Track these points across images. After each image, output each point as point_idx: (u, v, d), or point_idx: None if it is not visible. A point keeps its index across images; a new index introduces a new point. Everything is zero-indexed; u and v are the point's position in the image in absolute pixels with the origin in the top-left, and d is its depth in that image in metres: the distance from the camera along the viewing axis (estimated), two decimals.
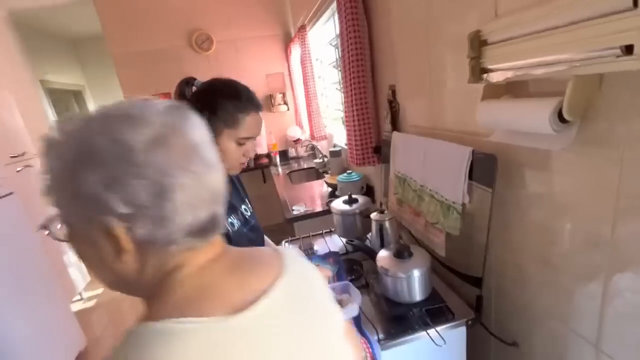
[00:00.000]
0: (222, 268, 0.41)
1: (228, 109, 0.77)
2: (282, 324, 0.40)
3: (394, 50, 1.28)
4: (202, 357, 0.34)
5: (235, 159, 0.82)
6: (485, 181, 0.79)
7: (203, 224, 0.38)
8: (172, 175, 0.35)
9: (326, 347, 0.46)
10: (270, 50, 3.42)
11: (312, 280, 0.49)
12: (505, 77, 0.68)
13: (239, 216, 0.88)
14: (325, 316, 0.48)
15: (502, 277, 0.92)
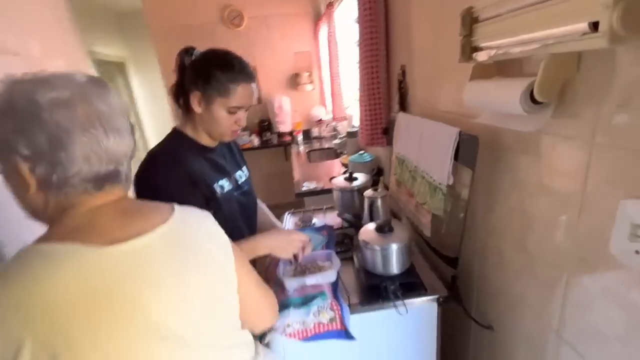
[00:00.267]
0: (113, 211, 0.50)
1: (220, 79, 0.81)
2: (154, 262, 0.48)
3: (407, 29, 1.26)
4: (72, 276, 0.41)
5: (227, 127, 0.87)
6: (468, 163, 0.79)
7: (99, 176, 0.48)
8: (70, 132, 0.44)
9: (200, 289, 0.52)
10: (299, 28, 3.42)
11: (201, 233, 0.56)
12: (489, 56, 0.67)
13: (231, 180, 0.95)
14: (206, 264, 0.54)
15: (484, 260, 0.93)
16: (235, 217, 0.94)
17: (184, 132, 0.90)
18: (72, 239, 0.44)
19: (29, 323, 0.39)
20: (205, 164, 0.88)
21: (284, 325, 0.82)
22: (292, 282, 0.90)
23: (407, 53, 1.29)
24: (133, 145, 0.53)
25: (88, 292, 0.42)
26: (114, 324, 0.43)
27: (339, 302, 0.85)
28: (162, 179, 0.79)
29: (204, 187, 0.84)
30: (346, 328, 0.83)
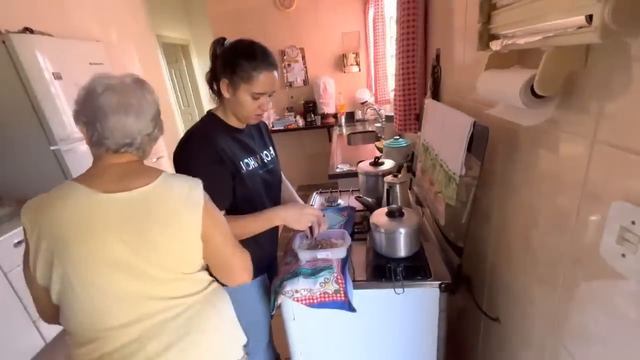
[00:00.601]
0: (119, 170, 0.71)
1: (245, 67, 0.89)
2: (126, 212, 0.68)
3: (444, 10, 1.21)
4: (71, 204, 0.65)
5: (251, 111, 0.95)
6: (478, 154, 0.78)
7: (118, 143, 0.70)
8: (106, 112, 0.68)
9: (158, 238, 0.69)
10: (348, 7, 3.36)
11: (172, 196, 0.72)
12: (501, 46, 0.65)
13: (257, 159, 1.05)
14: (168, 219, 0.71)
15: (496, 253, 0.92)
16: (259, 192, 1.04)
17: (216, 114, 1.01)
18: (85, 182, 0.69)
19: (40, 223, 0.66)
20: (233, 143, 0.99)
21: (292, 291, 0.92)
22: (304, 254, 1.00)
23: (443, 36, 1.24)
24: (151, 127, 0.74)
25: (78, 219, 0.65)
26: (88, 247, 0.65)
27: (345, 276, 0.92)
28: (193, 156, 0.92)
29: (230, 164, 0.95)
30: (349, 300, 0.90)
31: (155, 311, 0.71)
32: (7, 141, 1.84)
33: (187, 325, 0.74)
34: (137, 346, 0.69)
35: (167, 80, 4.06)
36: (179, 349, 0.72)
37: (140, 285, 0.69)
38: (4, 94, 1.75)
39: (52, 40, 1.95)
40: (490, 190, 0.91)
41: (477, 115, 0.83)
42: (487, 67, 0.73)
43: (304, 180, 4.04)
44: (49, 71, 1.83)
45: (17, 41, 1.68)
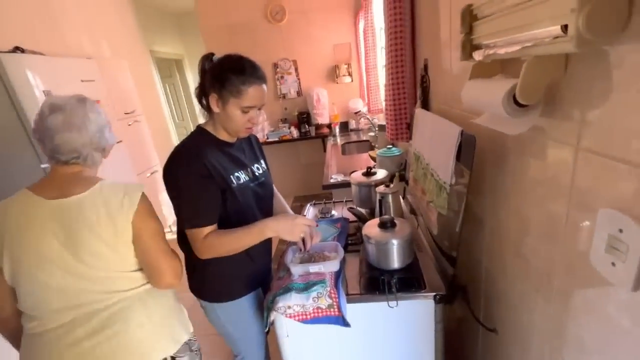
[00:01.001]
0: (64, 179, 0.83)
1: (233, 82, 0.89)
2: (60, 217, 0.78)
3: (430, 21, 1.23)
4: (20, 208, 0.79)
5: (241, 125, 0.95)
6: (466, 163, 0.78)
7: (64, 156, 0.82)
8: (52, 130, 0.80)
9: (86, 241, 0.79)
10: (339, 20, 3.42)
11: (104, 203, 0.82)
12: (484, 56, 0.66)
13: (248, 172, 1.04)
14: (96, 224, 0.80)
15: (490, 262, 0.91)
16: (250, 205, 1.03)
17: (206, 129, 1.00)
18: (35, 189, 0.82)
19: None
20: (223, 157, 0.98)
21: (285, 307, 0.90)
22: (297, 268, 0.98)
23: (430, 46, 1.26)
24: (96, 139, 0.86)
25: (22, 220, 0.78)
26: (30, 245, 0.78)
27: (338, 290, 0.90)
28: (181, 171, 0.91)
29: (219, 178, 0.94)
30: (343, 315, 0.88)
31: (88, 302, 0.82)
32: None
33: (113, 317, 0.83)
34: (70, 328, 0.81)
35: (161, 94, 4.08)
36: (103, 335, 0.82)
37: (75, 280, 0.80)
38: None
39: (43, 58, 1.95)
40: (481, 198, 0.91)
41: (465, 124, 0.83)
42: (472, 76, 0.73)
43: (300, 191, 4.03)
44: (39, 89, 1.82)
45: (7, 60, 1.68)
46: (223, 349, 1.87)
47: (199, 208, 0.92)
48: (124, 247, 0.83)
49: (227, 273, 1.03)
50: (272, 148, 3.81)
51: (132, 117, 2.92)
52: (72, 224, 0.79)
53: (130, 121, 2.89)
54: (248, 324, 1.11)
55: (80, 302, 0.81)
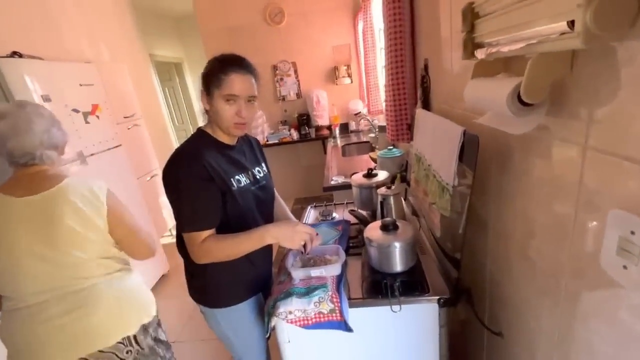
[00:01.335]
0: (28, 178, 0.92)
1: (215, 73, 0.89)
2: (32, 211, 0.88)
3: (429, 20, 1.22)
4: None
5: (229, 118, 0.91)
6: (469, 163, 0.76)
7: (21, 159, 0.91)
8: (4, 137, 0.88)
9: (62, 229, 0.89)
10: (338, 21, 3.41)
11: (74, 194, 0.92)
12: (486, 54, 0.64)
13: (249, 175, 1.02)
14: (70, 214, 0.90)
15: (495, 264, 0.89)
16: (251, 208, 1.02)
17: (206, 130, 0.99)
18: (3, 190, 0.90)
19: None
20: (223, 160, 0.97)
21: (286, 312, 0.88)
22: (297, 273, 0.96)
23: (430, 47, 1.25)
24: (46, 138, 0.93)
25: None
26: (7, 239, 0.87)
27: (340, 295, 0.89)
28: (181, 174, 0.89)
29: (219, 181, 0.92)
30: (345, 320, 0.87)
31: (60, 286, 0.92)
32: None
33: (84, 299, 0.93)
34: (44, 307, 0.91)
35: (161, 98, 4.07)
36: (74, 315, 0.92)
37: (49, 267, 0.90)
38: None
39: (41, 63, 1.95)
40: (485, 199, 0.89)
41: (467, 124, 0.82)
42: (474, 75, 0.72)
43: (300, 193, 4.01)
44: (37, 94, 1.81)
45: (5, 65, 1.68)
46: (224, 354, 1.85)
47: (197, 211, 0.90)
48: (95, 236, 0.94)
49: (227, 278, 1.02)
50: (272, 150, 3.80)
51: (131, 120, 2.91)
52: (44, 217, 0.89)
53: (130, 125, 2.88)
54: (249, 329, 1.09)
55: (54, 286, 0.91)
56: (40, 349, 0.91)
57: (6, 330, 0.93)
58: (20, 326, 0.91)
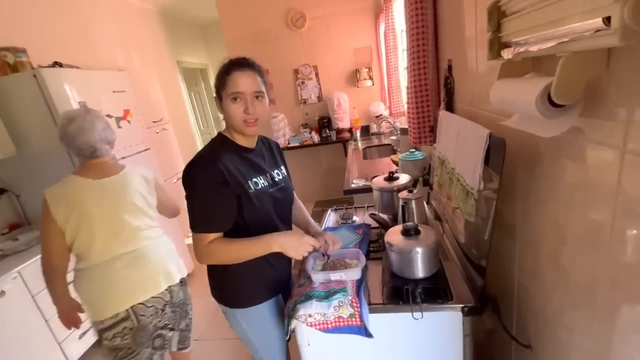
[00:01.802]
0: (97, 167, 1.25)
1: (220, 75, 0.93)
2: (106, 190, 1.22)
3: (453, 20, 1.19)
4: (77, 187, 1.19)
5: (238, 117, 0.93)
6: (496, 167, 0.73)
7: (88, 153, 1.22)
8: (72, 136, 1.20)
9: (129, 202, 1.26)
10: (359, 23, 3.40)
11: (133, 178, 1.30)
12: (513, 54, 0.62)
13: (267, 178, 1.04)
14: (134, 192, 1.27)
15: (523, 272, 0.85)
16: (268, 211, 1.03)
17: (225, 135, 1.02)
18: (81, 174, 1.21)
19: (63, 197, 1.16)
20: (241, 163, 0.98)
21: (306, 315, 0.88)
22: (318, 276, 0.96)
23: (454, 47, 1.22)
24: (104, 136, 1.24)
25: (83, 194, 1.18)
26: (89, 212, 1.17)
27: (360, 299, 0.88)
28: (196, 177, 0.92)
29: (235, 184, 0.93)
30: (365, 325, 0.86)
31: (123, 246, 1.23)
32: (38, 168, 1.95)
33: (140, 256, 1.26)
34: (111, 263, 1.22)
35: (187, 103, 4.23)
36: (133, 269, 1.23)
37: (117, 231, 1.22)
38: (35, 124, 1.87)
39: (79, 72, 2.07)
40: (512, 204, 0.85)
41: (493, 126, 0.79)
42: (500, 76, 0.69)
43: (321, 195, 4.02)
44: (75, 100, 1.93)
45: (47, 75, 1.80)
46: (245, 354, 1.88)
47: (208, 213, 0.93)
48: (150, 207, 1.33)
49: (247, 279, 1.03)
50: (293, 153, 3.83)
51: (159, 125, 3.04)
52: (116, 194, 1.23)
53: (158, 129, 3.01)
54: (268, 330, 1.10)
55: (118, 246, 1.22)
56: (109, 296, 1.20)
57: (80, 284, 1.23)
58: (94, 280, 1.21)
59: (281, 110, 3.74)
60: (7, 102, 1.84)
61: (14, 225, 2.00)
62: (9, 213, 2.04)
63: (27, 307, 1.66)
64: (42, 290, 1.73)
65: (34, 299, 1.69)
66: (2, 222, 1.98)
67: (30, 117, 1.86)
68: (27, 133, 1.90)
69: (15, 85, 1.82)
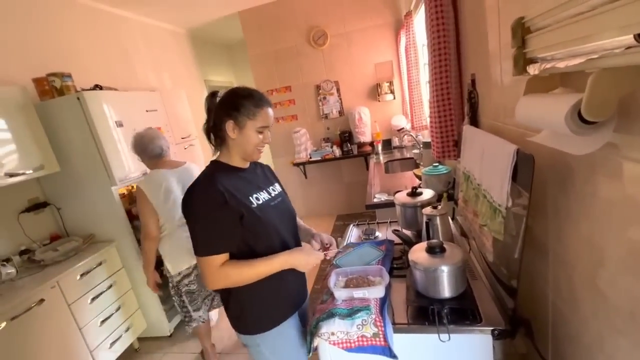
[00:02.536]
0: (167, 162, 1.86)
1: (248, 106, 0.97)
2: (182, 176, 1.85)
3: (475, 34, 1.18)
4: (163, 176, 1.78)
5: (256, 144, 1.00)
6: (524, 184, 0.71)
7: (158, 154, 1.83)
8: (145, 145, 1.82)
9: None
10: (380, 39, 3.45)
11: (194, 170, 1.92)
12: (540, 70, 0.61)
13: (266, 193, 1.07)
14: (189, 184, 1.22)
15: (558, 295, 0.80)
16: (274, 223, 1.04)
17: (220, 160, 1.05)
18: (158, 167, 1.81)
19: (159, 181, 1.77)
20: (239, 181, 1.02)
21: (328, 333, 0.87)
22: (341, 293, 0.96)
23: (477, 61, 1.20)
24: (165, 142, 1.85)
25: (164, 180, 1.77)
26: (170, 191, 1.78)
27: (384, 318, 0.86)
28: (197, 201, 0.94)
29: (236, 203, 0.95)
30: (389, 345, 0.84)
31: None
32: (79, 183, 2.09)
33: None
34: (180, 230, 1.83)
35: None
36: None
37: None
38: (78, 142, 2.01)
39: (116, 93, 2.23)
40: (543, 222, 0.82)
41: (521, 142, 0.77)
42: (527, 91, 0.68)
43: (342, 209, 4.01)
44: (112, 120, 2.07)
45: (89, 97, 1.95)
46: None
47: (213, 235, 0.94)
48: None
49: (265, 299, 1.03)
50: (315, 167, 3.87)
51: (187, 141, 3.18)
52: (186, 178, 1.81)
53: (186, 145, 3.14)
54: (291, 352, 1.09)
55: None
56: (182, 254, 1.78)
57: (164, 246, 1.79)
58: (172, 243, 1.78)
59: (303, 125, 3.81)
60: (54, 123, 1.99)
61: (55, 237, 2.13)
62: (50, 225, 2.18)
63: (64, 315, 1.75)
64: (78, 300, 1.82)
65: (70, 308, 1.77)
66: (45, 233, 2.12)
67: (73, 136, 2.01)
68: (70, 151, 2.04)
69: (61, 107, 1.98)
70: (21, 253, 1.92)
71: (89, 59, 2.66)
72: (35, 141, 1.90)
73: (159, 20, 3.51)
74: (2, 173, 1.69)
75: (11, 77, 2.03)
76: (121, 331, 2.07)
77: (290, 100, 3.79)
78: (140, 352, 2.27)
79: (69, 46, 2.50)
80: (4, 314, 1.47)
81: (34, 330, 1.59)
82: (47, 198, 2.17)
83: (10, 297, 1.54)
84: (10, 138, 1.78)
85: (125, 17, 3.11)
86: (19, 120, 1.83)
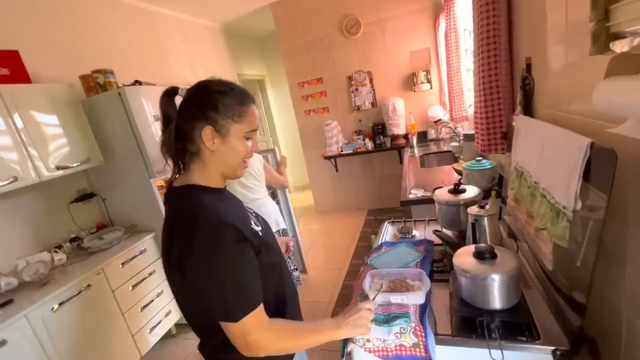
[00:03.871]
0: None
1: (230, 104, 0.72)
2: None
3: (535, 14, 1.04)
4: None
5: (244, 156, 0.77)
6: (601, 185, 0.60)
7: None
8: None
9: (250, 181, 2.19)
10: (416, 25, 3.26)
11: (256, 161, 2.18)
12: (630, 47, 0.50)
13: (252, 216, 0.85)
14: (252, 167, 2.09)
15: (635, 312, 0.69)
16: (280, 253, 0.90)
17: (198, 184, 0.76)
18: None
19: None
20: (234, 206, 0.81)
21: (364, 339, 0.82)
22: (377, 297, 0.90)
23: (534, 43, 1.07)
24: None
25: None
26: None
27: (425, 328, 0.79)
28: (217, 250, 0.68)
29: (251, 234, 0.74)
30: (431, 357, 0.77)
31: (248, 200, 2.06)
32: (121, 175, 2.19)
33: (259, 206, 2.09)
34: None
35: None
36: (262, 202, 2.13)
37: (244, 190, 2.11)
38: (120, 135, 2.10)
39: (154, 88, 2.29)
40: (622, 228, 0.70)
41: (594, 134, 0.65)
42: (608, 73, 0.57)
43: (374, 204, 3.91)
44: (150, 114, 2.14)
45: (129, 92, 2.02)
46: None
47: (247, 287, 0.69)
48: (261, 176, 2.18)
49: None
50: (346, 160, 3.79)
51: None
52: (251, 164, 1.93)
53: None
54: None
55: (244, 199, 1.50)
56: None
57: None
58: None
59: (334, 118, 3.73)
60: (98, 117, 2.10)
61: (100, 226, 2.27)
62: (96, 214, 2.32)
63: (108, 300, 1.85)
64: (121, 286, 1.92)
65: (114, 294, 1.87)
66: (92, 222, 2.26)
67: (115, 130, 2.10)
68: (113, 144, 2.14)
69: (104, 103, 2.07)
70: (71, 240, 2.06)
71: (129, 55, 2.77)
72: (82, 135, 2.00)
73: (194, 15, 3.58)
74: (53, 166, 1.80)
75: (62, 75, 2.16)
76: (160, 317, 2.16)
77: (321, 92, 3.72)
78: (177, 337, 2.36)
79: (111, 44, 2.61)
80: (57, 296, 1.58)
81: (82, 314, 1.70)
82: (94, 189, 2.30)
83: (63, 282, 1.65)
84: (61, 133, 1.89)
85: (163, 14, 3.20)
86: (68, 116, 1.94)
